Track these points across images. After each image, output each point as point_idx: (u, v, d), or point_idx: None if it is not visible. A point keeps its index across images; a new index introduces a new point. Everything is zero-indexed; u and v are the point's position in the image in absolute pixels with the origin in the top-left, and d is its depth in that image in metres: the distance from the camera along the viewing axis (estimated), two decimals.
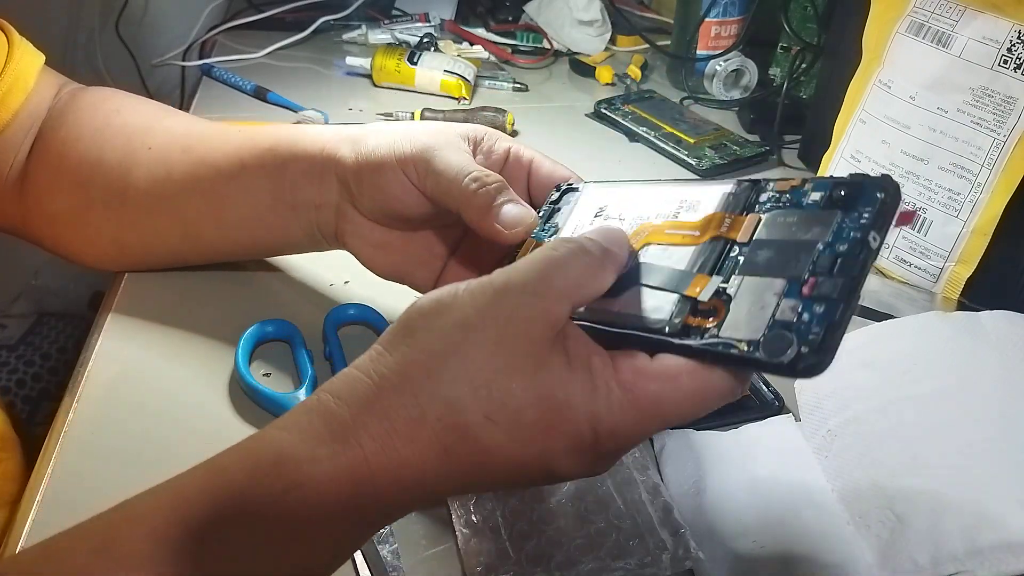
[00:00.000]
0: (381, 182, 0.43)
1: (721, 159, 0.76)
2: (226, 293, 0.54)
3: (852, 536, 0.39)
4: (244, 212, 0.49)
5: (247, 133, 0.50)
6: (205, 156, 0.50)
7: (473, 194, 0.39)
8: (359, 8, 1.00)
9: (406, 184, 0.43)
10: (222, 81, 0.86)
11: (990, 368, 0.43)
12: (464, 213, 0.40)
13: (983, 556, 0.36)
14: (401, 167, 0.43)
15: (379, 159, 0.43)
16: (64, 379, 0.49)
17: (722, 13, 0.89)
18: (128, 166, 0.51)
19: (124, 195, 0.51)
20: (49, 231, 0.54)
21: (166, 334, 0.51)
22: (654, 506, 0.41)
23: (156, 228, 0.52)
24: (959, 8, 0.56)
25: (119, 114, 0.53)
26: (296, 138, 0.48)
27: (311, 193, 0.47)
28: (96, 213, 0.52)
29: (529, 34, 1.02)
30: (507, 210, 0.39)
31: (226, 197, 0.49)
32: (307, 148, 0.47)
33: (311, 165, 0.46)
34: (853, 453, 0.42)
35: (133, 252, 0.54)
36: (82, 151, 0.51)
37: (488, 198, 0.39)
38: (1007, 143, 0.54)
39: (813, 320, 0.26)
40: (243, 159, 0.48)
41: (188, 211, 0.50)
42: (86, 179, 0.51)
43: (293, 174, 0.47)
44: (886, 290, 0.59)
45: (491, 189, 0.40)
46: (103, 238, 0.53)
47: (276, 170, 0.47)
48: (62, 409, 0.46)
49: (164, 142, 0.51)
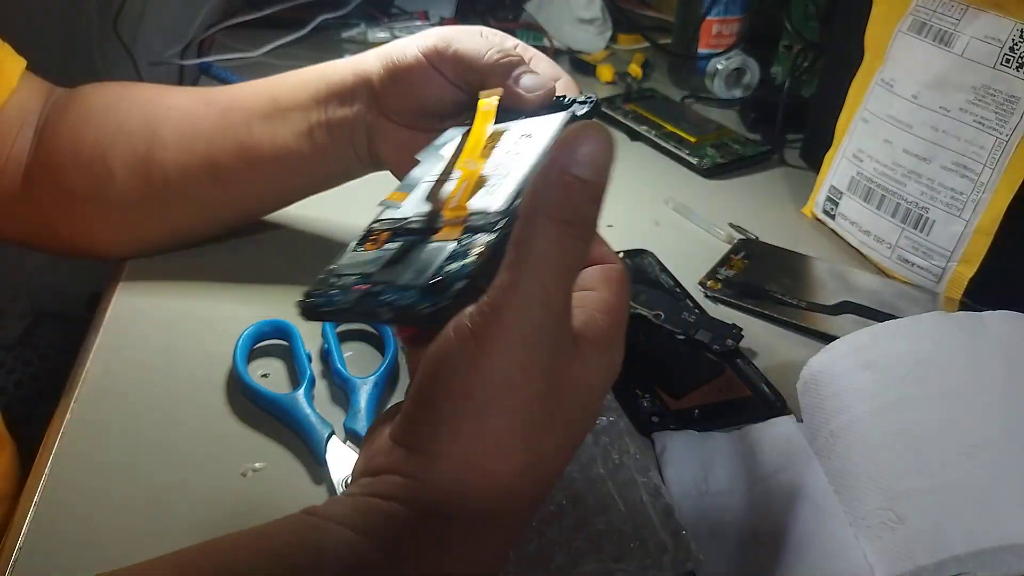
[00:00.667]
0: (410, 78, 0.46)
1: (723, 158, 0.76)
2: (224, 293, 0.54)
3: (853, 537, 0.39)
4: (280, 147, 0.51)
5: (269, 79, 0.53)
6: (232, 103, 0.52)
7: (496, 63, 0.43)
8: (358, 6, 1.00)
9: (436, 77, 0.46)
10: (221, 80, 0.86)
11: (993, 369, 0.43)
12: (487, 82, 0.43)
13: (986, 557, 0.35)
14: (427, 58, 0.46)
15: (405, 57, 0.47)
16: (62, 380, 0.48)
17: (723, 11, 0.89)
18: (153, 127, 0.52)
19: (149, 157, 0.52)
20: (66, 214, 0.54)
21: (164, 335, 0.51)
22: (655, 508, 0.40)
23: (187, 182, 0.52)
24: (961, 7, 0.55)
25: (127, 89, 0.55)
26: (326, 70, 0.51)
27: (344, 112, 0.49)
28: (119, 185, 0.52)
29: (529, 32, 1.01)
30: (527, 78, 0.43)
31: (261, 135, 0.51)
32: (341, 74, 0.50)
33: (345, 87, 0.49)
34: (855, 454, 0.42)
35: (158, 220, 0.54)
36: (97, 125, 0.52)
37: (510, 65, 0.43)
38: (1010, 142, 0.53)
39: None
40: (274, 96, 0.51)
41: (220, 156, 0.52)
42: (107, 150, 0.52)
43: (326, 97, 0.50)
44: (888, 290, 0.59)
45: (513, 58, 0.44)
46: (126, 210, 0.53)
47: (310, 98, 0.50)
48: (60, 410, 0.46)
49: (184, 101, 0.53)
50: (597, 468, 0.42)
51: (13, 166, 0.53)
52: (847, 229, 0.65)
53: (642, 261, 0.61)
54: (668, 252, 0.61)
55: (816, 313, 0.56)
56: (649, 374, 0.49)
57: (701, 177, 0.75)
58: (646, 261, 0.61)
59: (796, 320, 0.55)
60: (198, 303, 0.53)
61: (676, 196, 0.70)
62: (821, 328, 0.54)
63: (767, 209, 0.70)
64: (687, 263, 0.60)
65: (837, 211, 0.66)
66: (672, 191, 0.71)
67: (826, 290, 0.58)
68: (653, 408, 0.47)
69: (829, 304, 0.57)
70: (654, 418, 0.46)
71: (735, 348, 0.51)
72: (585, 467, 0.42)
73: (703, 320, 0.53)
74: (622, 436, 0.45)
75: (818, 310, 0.56)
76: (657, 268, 0.60)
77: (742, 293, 0.58)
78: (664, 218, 0.68)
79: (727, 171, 0.76)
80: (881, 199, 0.61)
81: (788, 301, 0.57)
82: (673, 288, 0.58)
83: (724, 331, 0.52)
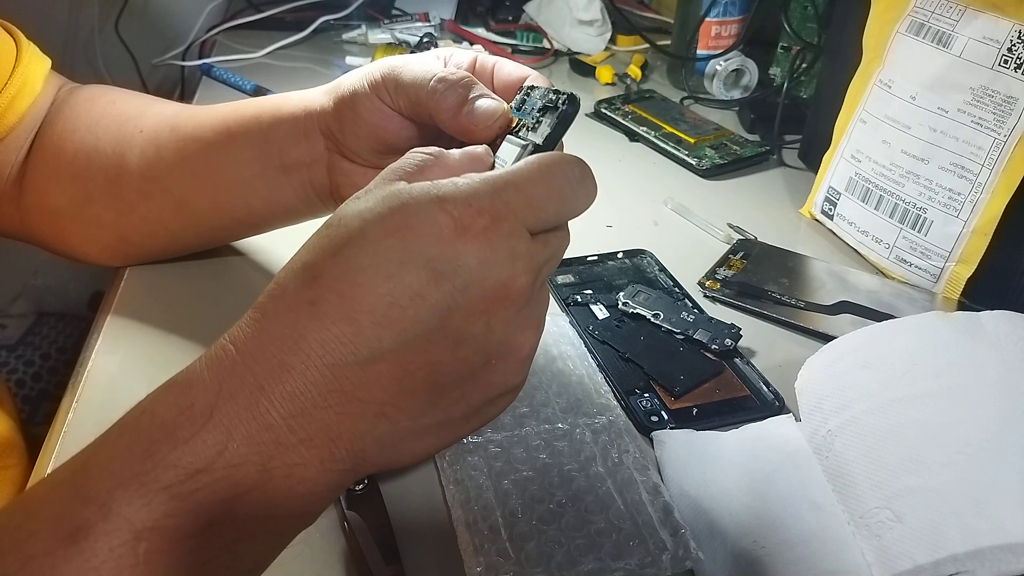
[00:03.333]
0: (360, 114, 0.43)
1: (721, 159, 0.76)
2: (225, 293, 0.54)
3: (852, 536, 0.39)
4: (234, 182, 0.49)
5: (233, 105, 0.50)
6: (192, 131, 0.50)
7: (442, 95, 0.39)
8: (359, 8, 1.00)
9: (383, 109, 0.43)
10: (222, 81, 0.86)
11: (990, 368, 0.43)
12: (436, 116, 0.40)
13: (983, 556, 0.35)
14: (375, 92, 0.43)
15: (353, 92, 0.44)
16: (64, 379, 0.49)
17: (722, 13, 0.89)
18: (122, 151, 0.51)
19: (119, 181, 0.51)
20: (51, 228, 0.54)
21: (165, 334, 0.51)
22: (654, 506, 0.41)
23: (152, 210, 0.51)
24: (959, 8, 0.56)
25: (114, 104, 0.54)
26: (280, 103, 0.48)
27: (300, 153, 0.47)
28: (95, 205, 0.52)
29: (529, 34, 1.02)
30: (478, 105, 0.39)
31: (215, 169, 0.49)
32: (291, 110, 0.47)
33: (295, 125, 0.47)
34: (853, 453, 0.42)
35: (134, 241, 0.54)
36: (78, 142, 0.52)
37: (456, 96, 0.39)
38: (1007, 143, 0.54)
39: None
40: (229, 129, 0.49)
41: (180, 188, 0.50)
42: (83, 170, 0.51)
43: (279, 137, 0.47)
44: (886, 290, 0.59)
45: (458, 87, 0.39)
46: (104, 230, 0.53)
47: (262, 135, 0.48)
48: (62, 409, 0.46)
49: (154, 124, 0.51)
50: (596, 467, 0.43)
51: (14, 174, 0.53)
52: (845, 229, 0.65)
53: (641, 261, 0.61)
54: (667, 252, 0.62)
55: (814, 313, 0.56)
56: (648, 373, 0.49)
57: (700, 178, 0.75)
58: (645, 261, 0.61)
59: (794, 320, 0.56)
60: (200, 303, 0.53)
61: (675, 196, 0.70)
62: (819, 328, 0.55)
63: (766, 209, 0.71)
64: (686, 263, 0.61)
65: (835, 211, 0.66)
66: (671, 192, 0.71)
67: (824, 290, 0.58)
68: (652, 407, 0.47)
69: (827, 304, 0.57)
70: (653, 417, 0.47)
71: (734, 348, 0.51)
72: (584, 466, 0.43)
73: (702, 320, 0.53)
74: (621, 435, 0.45)
75: (816, 310, 0.56)
76: (656, 268, 0.60)
77: (741, 293, 0.58)
78: (663, 218, 0.68)
79: (726, 172, 0.76)
80: (879, 199, 0.62)
81: (786, 301, 0.57)
82: (672, 288, 0.58)
83: (723, 331, 0.52)
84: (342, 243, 0.30)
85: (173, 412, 0.29)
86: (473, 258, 0.30)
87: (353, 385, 0.29)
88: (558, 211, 0.32)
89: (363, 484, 0.40)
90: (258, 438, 0.28)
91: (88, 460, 0.29)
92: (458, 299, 0.30)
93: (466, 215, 0.30)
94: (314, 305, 0.29)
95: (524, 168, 0.32)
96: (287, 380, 0.29)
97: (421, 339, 0.30)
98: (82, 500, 0.27)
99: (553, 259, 0.33)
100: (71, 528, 0.27)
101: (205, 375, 0.30)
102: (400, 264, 0.29)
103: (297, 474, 0.29)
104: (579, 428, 0.45)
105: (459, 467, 0.42)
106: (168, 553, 0.27)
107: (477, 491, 0.41)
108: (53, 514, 0.27)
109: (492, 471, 0.42)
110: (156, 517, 0.27)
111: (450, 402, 0.32)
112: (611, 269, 0.60)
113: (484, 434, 0.44)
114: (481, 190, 0.30)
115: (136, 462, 0.28)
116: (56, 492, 0.28)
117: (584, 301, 0.56)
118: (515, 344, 0.32)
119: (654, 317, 0.53)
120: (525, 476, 0.42)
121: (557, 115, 0.36)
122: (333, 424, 0.29)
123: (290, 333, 0.29)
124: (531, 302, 0.32)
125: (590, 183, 0.34)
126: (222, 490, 0.28)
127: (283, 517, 0.30)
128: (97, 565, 0.26)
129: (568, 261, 0.60)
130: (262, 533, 0.30)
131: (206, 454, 0.28)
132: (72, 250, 0.54)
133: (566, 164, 0.33)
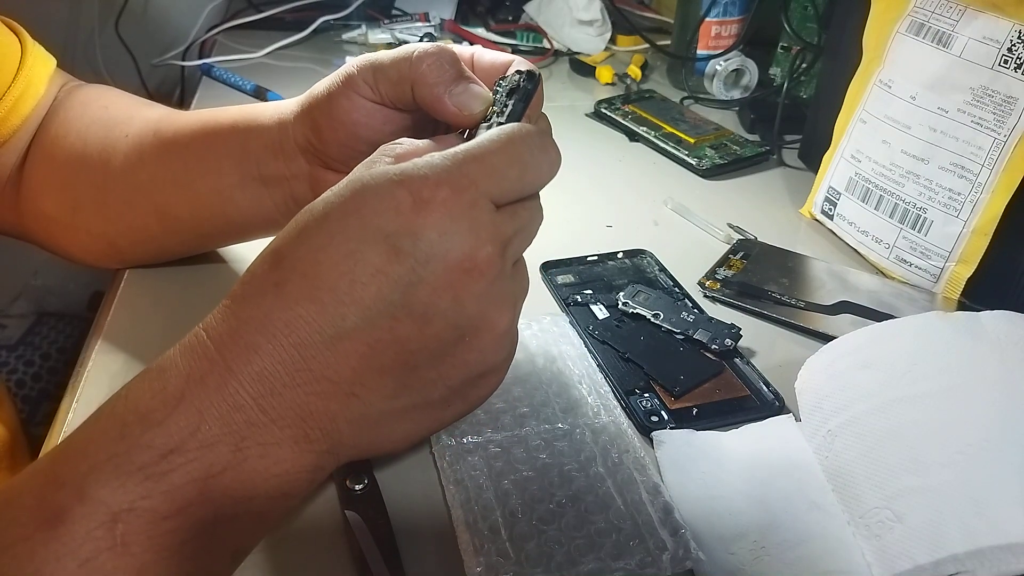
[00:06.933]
0: (337, 116, 0.42)
1: (721, 159, 0.76)
2: (225, 293, 0.54)
3: (852, 536, 0.39)
4: (213, 191, 0.48)
5: (214, 112, 0.49)
6: (173, 137, 0.49)
7: (428, 66, 0.38)
8: (359, 8, 1.00)
9: (363, 105, 0.41)
10: (222, 81, 0.86)
11: (990, 368, 0.43)
12: (420, 92, 0.39)
13: (983, 556, 0.35)
14: (351, 88, 0.41)
15: (327, 94, 0.42)
16: (64, 379, 0.49)
17: (722, 13, 0.89)
18: (107, 157, 0.50)
19: (105, 188, 0.51)
20: (45, 233, 0.54)
21: (166, 334, 0.51)
22: (654, 506, 0.41)
23: (137, 219, 0.51)
24: (959, 8, 0.56)
25: (106, 110, 0.53)
26: (257, 113, 0.47)
27: (278, 167, 0.46)
28: (83, 213, 0.52)
29: (529, 34, 1.02)
30: (460, 90, 0.38)
31: (194, 177, 0.48)
32: (265, 122, 0.46)
33: (270, 139, 0.46)
34: (853, 453, 0.42)
35: (124, 248, 0.54)
36: (68, 148, 0.52)
37: (440, 69, 0.38)
38: (1007, 143, 0.54)
39: None
40: (208, 136, 0.48)
41: (161, 196, 0.50)
42: (72, 178, 0.51)
43: (255, 149, 0.46)
44: (886, 290, 0.59)
45: (444, 61, 0.38)
46: (94, 238, 0.53)
47: (239, 145, 0.47)
48: (62, 409, 0.46)
49: (139, 129, 0.51)
50: (596, 467, 0.43)
51: (14, 174, 0.53)
52: (845, 229, 0.65)
53: (641, 261, 0.61)
54: (667, 252, 0.62)
55: (814, 313, 0.56)
56: (648, 373, 0.49)
57: (700, 178, 0.75)
58: (645, 261, 0.61)
59: (794, 320, 0.56)
60: (201, 303, 0.53)
61: (675, 196, 0.70)
62: (819, 328, 0.55)
63: (766, 209, 0.71)
64: (686, 263, 0.61)
65: (835, 211, 0.66)
66: (671, 191, 0.71)
67: (824, 290, 0.58)
68: (652, 407, 0.47)
69: (827, 304, 0.57)
70: (653, 417, 0.47)
71: (734, 348, 0.51)
72: (584, 466, 0.43)
73: (702, 320, 0.53)
74: (621, 435, 0.45)
75: (816, 310, 0.56)
76: (656, 268, 0.60)
77: (741, 293, 0.58)
78: (663, 218, 0.68)
79: (726, 172, 0.76)
80: (879, 199, 0.62)
81: (786, 301, 0.57)
82: (672, 288, 0.58)
83: (723, 331, 0.52)
84: (304, 226, 0.31)
85: (147, 396, 0.29)
86: (433, 231, 0.30)
87: (320, 364, 0.30)
88: (521, 179, 0.32)
89: (363, 484, 0.40)
90: (229, 418, 0.29)
91: (66, 447, 0.29)
92: (420, 273, 0.30)
93: (424, 188, 0.30)
94: (278, 287, 0.30)
95: (483, 139, 0.32)
96: (255, 361, 0.29)
97: (386, 316, 0.30)
98: (59, 485, 0.28)
99: (523, 232, 0.33)
100: (49, 513, 0.27)
101: (178, 360, 0.30)
102: (360, 241, 0.30)
103: (272, 454, 0.30)
104: (579, 428, 0.45)
105: (459, 467, 0.42)
106: (145, 534, 0.28)
107: (477, 491, 0.41)
108: (32, 500, 0.28)
109: (492, 471, 0.42)
110: (131, 499, 0.27)
111: (425, 383, 0.32)
112: (611, 269, 0.60)
113: (484, 434, 0.44)
114: (439, 164, 0.31)
115: (110, 444, 0.28)
116: (35, 479, 0.29)
117: (584, 301, 0.56)
118: (489, 319, 0.32)
119: (654, 317, 0.53)
120: (525, 476, 0.42)
121: (518, 93, 0.37)
122: (303, 403, 0.30)
123: (257, 315, 0.30)
124: (503, 276, 0.32)
125: (552, 151, 0.33)
126: (196, 470, 0.28)
127: (261, 498, 0.30)
128: (75, 548, 0.27)
129: (568, 261, 0.60)
130: (241, 514, 0.30)
131: (179, 435, 0.28)
132: (67, 254, 0.55)
133: (526, 132, 0.33)
